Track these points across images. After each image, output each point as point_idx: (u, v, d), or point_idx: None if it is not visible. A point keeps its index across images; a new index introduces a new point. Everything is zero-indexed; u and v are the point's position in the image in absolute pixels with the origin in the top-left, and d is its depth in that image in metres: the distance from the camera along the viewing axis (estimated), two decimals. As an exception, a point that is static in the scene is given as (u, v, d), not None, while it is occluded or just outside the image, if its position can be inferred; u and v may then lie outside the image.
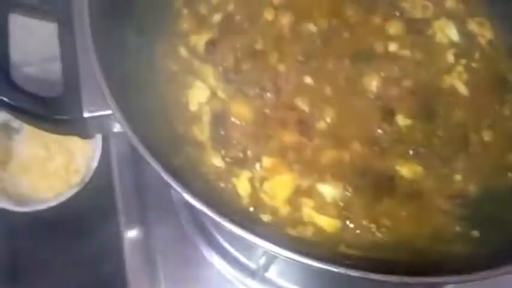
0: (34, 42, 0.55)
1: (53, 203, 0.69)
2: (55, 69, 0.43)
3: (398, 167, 0.49)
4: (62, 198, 0.69)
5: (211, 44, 0.52)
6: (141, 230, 0.61)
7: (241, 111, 0.49)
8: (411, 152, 0.49)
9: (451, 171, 0.49)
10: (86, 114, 0.41)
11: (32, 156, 0.78)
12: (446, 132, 0.51)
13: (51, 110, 0.41)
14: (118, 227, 0.62)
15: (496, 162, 0.51)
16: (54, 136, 0.70)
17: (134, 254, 0.60)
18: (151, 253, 0.61)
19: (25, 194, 0.74)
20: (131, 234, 0.61)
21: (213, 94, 0.50)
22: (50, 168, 0.77)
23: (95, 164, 0.72)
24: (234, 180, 0.47)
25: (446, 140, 0.51)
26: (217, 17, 0.54)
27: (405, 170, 0.49)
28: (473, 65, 0.56)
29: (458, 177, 0.49)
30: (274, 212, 0.46)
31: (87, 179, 0.70)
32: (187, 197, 0.35)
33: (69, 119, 0.41)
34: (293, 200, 0.47)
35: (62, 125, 0.42)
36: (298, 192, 0.47)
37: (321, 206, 0.46)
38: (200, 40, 0.53)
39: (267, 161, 0.48)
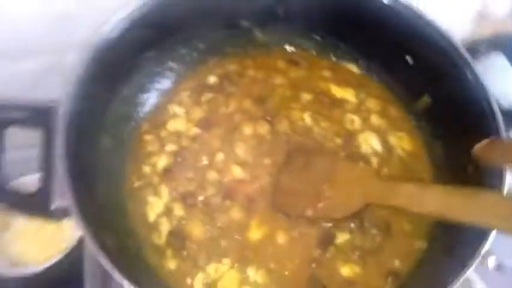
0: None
1: (39, 268, 0.78)
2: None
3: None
4: (48, 263, 0.78)
5: (165, 172, 0.64)
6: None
7: (195, 231, 0.60)
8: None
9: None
10: (52, 207, 0.52)
11: (26, 226, 0.89)
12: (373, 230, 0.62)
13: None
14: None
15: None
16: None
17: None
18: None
19: (16, 257, 0.84)
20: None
21: (169, 210, 0.62)
22: (40, 236, 0.88)
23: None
24: (188, 281, 0.58)
25: (373, 236, 0.61)
26: (172, 147, 0.66)
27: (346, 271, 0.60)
28: (393, 172, 0.67)
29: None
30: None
31: (69, 248, 0.79)
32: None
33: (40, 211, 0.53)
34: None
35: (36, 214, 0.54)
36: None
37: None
38: (160, 162, 0.65)
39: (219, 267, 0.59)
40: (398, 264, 0.59)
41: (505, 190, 0.52)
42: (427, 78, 0.68)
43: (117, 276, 0.47)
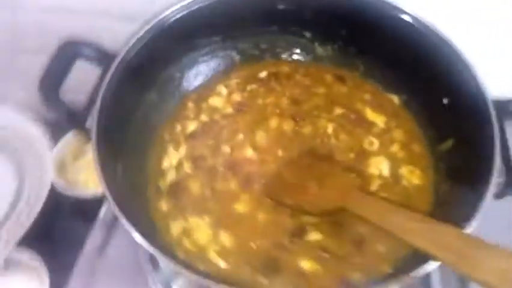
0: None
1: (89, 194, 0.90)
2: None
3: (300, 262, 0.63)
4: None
5: (190, 135, 0.74)
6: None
7: (193, 187, 0.70)
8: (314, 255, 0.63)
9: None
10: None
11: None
12: (347, 241, 0.64)
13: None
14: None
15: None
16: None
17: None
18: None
19: (79, 183, 0.96)
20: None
21: (180, 165, 0.72)
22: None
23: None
24: (170, 223, 0.67)
25: (344, 245, 0.64)
26: (205, 118, 0.77)
27: (305, 265, 0.63)
28: (392, 198, 0.68)
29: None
30: (187, 251, 0.64)
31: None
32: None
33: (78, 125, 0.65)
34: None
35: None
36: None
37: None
38: (190, 126, 0.77)
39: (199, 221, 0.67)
40: (356, 277, 0.61)
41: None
42: (456, 125, 0.69)
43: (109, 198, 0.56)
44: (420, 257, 0.52)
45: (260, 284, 0.61)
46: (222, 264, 0.62)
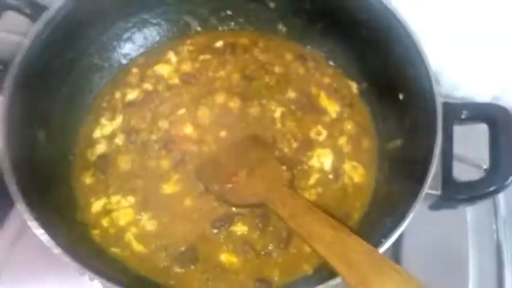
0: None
1: None
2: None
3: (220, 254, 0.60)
4: None
5: (129, 104, 0.70)
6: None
7: (121, 163, 0.66)
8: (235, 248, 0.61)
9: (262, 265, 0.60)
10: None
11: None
12: (273, 237, 0.62)
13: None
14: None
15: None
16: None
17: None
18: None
19: None
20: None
21: (112, 136, 0.67)
22: None
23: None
24: (92, 200, 0.64)
25: (270, 242, 0.61)
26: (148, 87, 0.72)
27: (224, 257, 0.61)
28: (326, 194, 0.65)
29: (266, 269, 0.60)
30: (104, 231, 0.61)
31: None
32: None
33: None
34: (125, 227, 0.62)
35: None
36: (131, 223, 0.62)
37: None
38: (131, 94, 0.72)
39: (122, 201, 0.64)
40: (275, 277, 0.59)
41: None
42: (406, 125, 0.64)
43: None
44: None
45: (174, 273, 0.58)
46: (138, 248, 0.60)
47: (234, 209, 0.62)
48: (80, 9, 0.65)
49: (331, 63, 0.77)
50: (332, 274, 0.49)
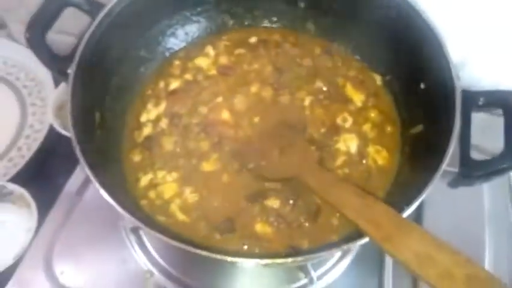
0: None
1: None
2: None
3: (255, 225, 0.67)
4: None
5: (172, 92, 0.77)
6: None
7: (166, 144, 0.73)
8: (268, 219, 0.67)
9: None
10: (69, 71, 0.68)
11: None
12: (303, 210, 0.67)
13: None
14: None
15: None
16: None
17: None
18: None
19: None
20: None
21: (157, 120, 0.75)
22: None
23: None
24: (140, 175, 0.71)
25: (300, 215, 0.67)
26: (189, 77, 0.80)
27: (259, 228, 0.67)
28: (352, 175, 0.71)
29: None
30: (151, 202, 0.68)
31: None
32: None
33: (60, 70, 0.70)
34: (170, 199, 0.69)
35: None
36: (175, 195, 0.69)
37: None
38: (173, 83, 0.79)
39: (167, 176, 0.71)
40: (304, 245, 0.64)
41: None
42: (428, 111, 0.69)
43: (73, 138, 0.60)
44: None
45: (213, 240, 0.64)
46: (182, 217, 0.66)
47: (266, 184, 0.68)
48: (131, 7, 0.72)
49: (357, 57, 0.83)
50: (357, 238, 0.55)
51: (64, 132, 0.92)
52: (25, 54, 1.10)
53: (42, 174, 0.99)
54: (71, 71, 0.63)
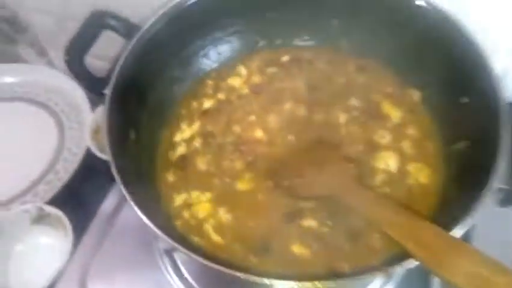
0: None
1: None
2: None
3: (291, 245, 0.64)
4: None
5: (205, 112, 0.77)
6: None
7: (199, 163, 0.72)
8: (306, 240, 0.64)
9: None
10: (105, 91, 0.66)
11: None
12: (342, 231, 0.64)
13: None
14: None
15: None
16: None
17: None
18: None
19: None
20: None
21: (191, 140, 0.74)
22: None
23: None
24: (174, 195, 0.71)
25: (339, 235, 0.64)
26: (221, 96, 0.80)
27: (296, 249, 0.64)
28: (392, 194, 0.67)
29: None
30: (185, 222, 0.67)
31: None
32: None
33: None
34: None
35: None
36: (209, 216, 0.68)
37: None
38: (206, 103, 0.79)
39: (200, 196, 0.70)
40: (345, 268, 0.61)
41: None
42: (471, 126, 0.66)
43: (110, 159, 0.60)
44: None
45: (249, 262, 0.62)
46: (216, 238, 0.65)
47: (302, 204, 0.66)
48: (165, 29, 0.73)
49: (392, 73, 0.80)
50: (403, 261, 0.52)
51: (99, 154, 0.93)
52: (63, 80, 1.14)
53: (78, 197, 1.00)
54: (107, 91, 0.63)
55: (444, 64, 0.71)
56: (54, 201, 0.90)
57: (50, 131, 1.09)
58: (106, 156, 0.80)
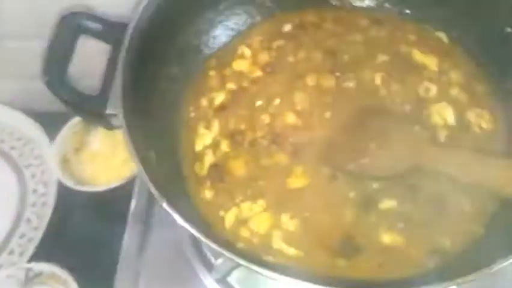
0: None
1: (104, 188, 0.82)
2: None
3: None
4: (113, 185, 0.82)
5: (220, 108, 0.64)
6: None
7: (236, 168, 0.60)
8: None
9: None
10: (107, 111, 0.53)
11: (99, 150, 0.95)
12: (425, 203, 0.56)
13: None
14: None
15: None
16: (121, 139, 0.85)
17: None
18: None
19: (86, 178, 0.89)
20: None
21: (216, 144, 0.62)
22: (111, 163, 0.93)
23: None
24: (221, 213, 0.58)
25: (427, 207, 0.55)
26: (232, 86, 0.66)
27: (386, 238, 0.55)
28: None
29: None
30: (248, 242, 0.55)
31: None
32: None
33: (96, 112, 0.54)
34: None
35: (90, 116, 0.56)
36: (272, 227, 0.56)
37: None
38: (217, 98, 0.65)
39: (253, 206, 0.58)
40: (447, 244, 0.53)
41: None
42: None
43: (153, 190, 0.47)
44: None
45: (339, 268, 0.52)
46: (291, 251, 0.53)
47: (373, 185, 0.56)
48: (154, 21, 0.59)
49: (409, 19, 0.72)
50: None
51: (76, 186, 0.81)
52: (5, 112, 0.96)
53: (67, 240, 0.85)
54: (119, 110, 0.49)
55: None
56: (39, 255, 0.77)
57: (5, 177, 0.90)
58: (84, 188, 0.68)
